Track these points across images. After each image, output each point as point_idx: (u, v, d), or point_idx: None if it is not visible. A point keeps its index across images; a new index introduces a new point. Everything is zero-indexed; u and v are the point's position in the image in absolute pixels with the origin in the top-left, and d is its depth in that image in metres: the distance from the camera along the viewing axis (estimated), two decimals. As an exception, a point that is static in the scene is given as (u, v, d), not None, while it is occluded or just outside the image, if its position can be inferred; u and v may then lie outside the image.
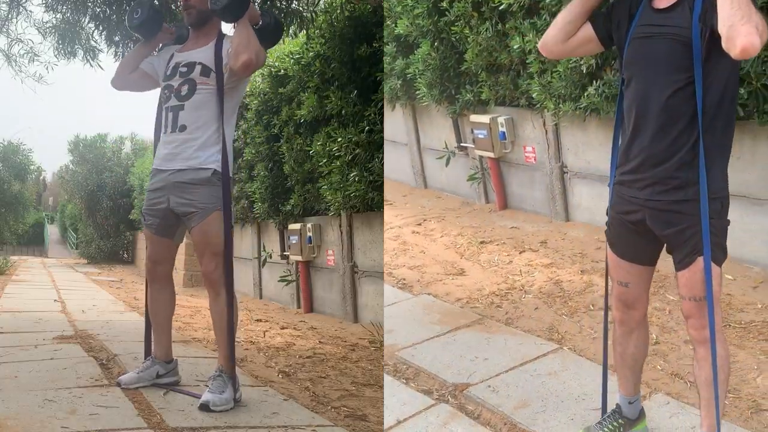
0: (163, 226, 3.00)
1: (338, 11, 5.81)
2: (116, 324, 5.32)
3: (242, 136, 7.87)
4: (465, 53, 5.45)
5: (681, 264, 2.10)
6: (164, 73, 3.01)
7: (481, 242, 4.95)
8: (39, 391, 2.85)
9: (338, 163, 5.71)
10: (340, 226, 6.20)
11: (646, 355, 2.44)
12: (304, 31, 5.65)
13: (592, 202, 4.93)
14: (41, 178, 24.82)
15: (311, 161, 6.35)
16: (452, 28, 5.44)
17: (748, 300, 3.50)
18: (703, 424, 2.17)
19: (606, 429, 2.40)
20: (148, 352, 3.17)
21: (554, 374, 2.98)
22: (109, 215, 17.33)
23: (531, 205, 5.55)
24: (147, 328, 3.20)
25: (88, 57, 5.94)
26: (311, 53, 6.33)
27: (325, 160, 5.95)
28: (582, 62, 4.39)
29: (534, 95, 4.89)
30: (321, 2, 5.99)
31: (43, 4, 5.48)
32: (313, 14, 5.67)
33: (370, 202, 5.57)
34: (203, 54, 2.92)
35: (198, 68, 2.89)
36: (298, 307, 7.13)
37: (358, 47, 5.65)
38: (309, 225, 6.64)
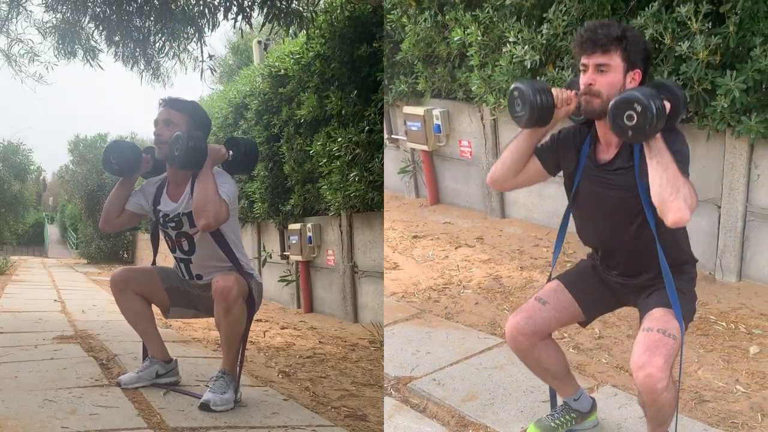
0: (173, 290, 3.06)
1: (338, 11, 5.81)
2: (116, 324, 5.31)
3: (242, 136, 7.88)
4: (401, 43, 5.36)
5: (653, 305, 2.11)
6: (157, 217, 3.00)
7: (414, 236, 4.90)
8: (39, 391, 2.85)
9: (338, 163, 5.71)
10: (340, 226, 6.20)
11: (565, 357, 2.41)
12: (304, 31, 5.65)
13: (529, 200, 4.87)
14: (41, 178, 24.83)
15: (311, 161, 6.35)
16: (388, 15, 5.36)
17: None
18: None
19: (558, 421, 2.41)
20: (146, 354, 3.17)
21: (500, 367, 2.94)
22: (109, 215, 17.34)
23: (465, 200, 5.46)
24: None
25: (88, 57, 5.96)
26: (311, 53, 6.33)
27: (325, 160, 5.95)
28: (526, 57, 4.27)
29: (473, 88, 4.78)
30: (321, 2, 5.99)
31: (43, 4, 5.48)
32: (313, 14, 5.67)
33: (370, 202, 5.57)
34: (184, 204, 2.92)
35: (185, 220, 2.91)
36: (298, 307, 7.13)
37: (358, 47, 5.64)
38: (309, 225, 6.64)
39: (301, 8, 5.51)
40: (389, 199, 6.04)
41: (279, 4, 5.25)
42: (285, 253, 7.25)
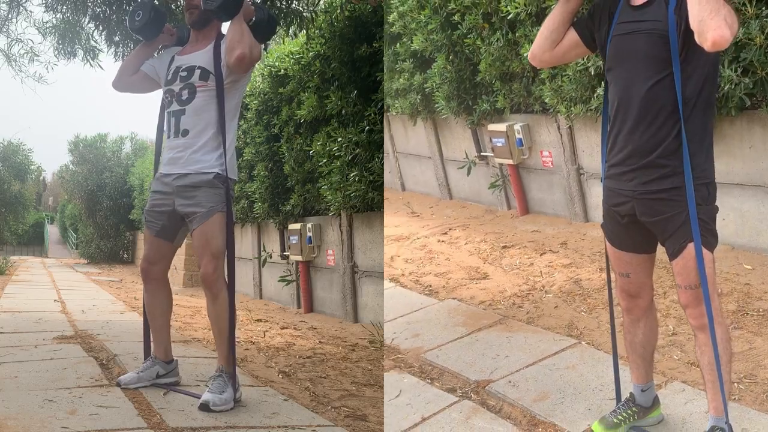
0: (164, 228, 3.00)
1: (338, 11, 5.81)
2: (116, 324, 5.31)
3: (242, 136, 7.87)
4: (479, 64, 5.52)
5: (673, 253, 2.13)
6: (165, 76, 3.01)
7: (504, 247, 5.05)
8: (39, 391, 2.85)
9: (338, 163, 5.71)
10: (340, 226, 6.20)
11: (656, 342, 2.47)
12: (304, 31, 5.66)
13: None
14: (41, 178, 24.82)
15: (311, 161, 6.35)
16: (465, 40, 5.53)
17: (767, 288, 3.53)
18: (710, 407, 2.22)
19: (620, 417, 2.43)
20: (147, 353, 3.17)
21: (572, 367, 3.03)
22: (109, 215, 17.34)
23: (551, 208, 5.60)
24: (146, 328, 3.21)
25: (88, 57, 5.95)
26: (311, 53, 6.33)
27: (325, 160, 5.95)
28: (590, 64, 4.41)
29: (546, 100, 4.95)
30: (321, 2, 5.99)
31: (43, 4, 5.48)
32: (313, 14, 5.67)
33: (370, 202, 5.57)
34: (202, 57, 2.92)
35: (197, 72, 2.90)
36: (298, 307, 7.13)
37: (358, 47, 5.65)
38: (309, 225, 6.65)
39: (301, 8, 5.51)
40: (483, 213, 6.22)
41: (279, 4, 5.25)
42: (285, 253, 7.25)
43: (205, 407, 2.69)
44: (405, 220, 6.43)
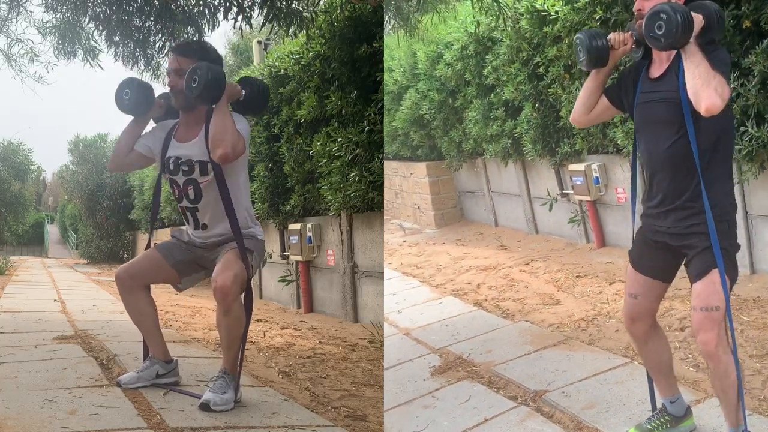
0: (178, 263, 3.04)
1: (338, 11, 5.81)
2: (116, 324, 5.31)
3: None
4: (561, 111, 5.98)
5: (696, 276, 2.32)
6: (165, 163, 2.98)
7: (577, 276, 5.41)
8: (39, 391, 2.85)
9: (338, 163, 5.70)
10: (340, 226, 6.20)
11: (670, 357, 2.66)
12: (304, 31, 5.65)
13: None
14: (41, 178, 24.80)
15: (311, 161, 6.35)
16: (549, 89, 5.93)
17: None
18: (727, 423, 2.41)
19: (653, 424, 2.65)
20: (146, 354, 3.17)
21: (621, 383, 3.28)
22: (109, 215, 17.33)
23: (626, 241, 5.76)
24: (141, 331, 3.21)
25: (88, 57, 5.95)
26: (311, 53, 6.33)
27: (325, 160, 5.95)
28: None
29: (618, 141, 5.25)
30: (321, 2, 5.99)
31: (43, 4, 5.48)
32: (313, 14, 5.67)
33: (370, 202, 5.57)
34: (196, 149, 2.90)
35: (197, 167, 2.90)
36: (298, 307, 7.13)
37: (358, 47, 5.65)
38: (309, 225, 6.65)
39: (301, 8, 5.50)
40: (564, 246, 6.63)
41: (279, 4, 5.24)
42: (285, 253, 7.25)
43: (205, 407, 2.70)
44: (494, 252, 6.92)
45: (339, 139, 5.68)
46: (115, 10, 5.30)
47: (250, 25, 5.47)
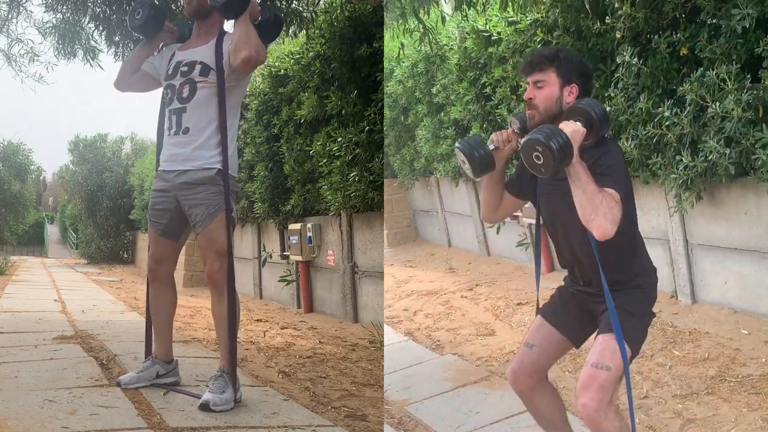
0: (168, 226, 3.01)
1: (338, 11, 5.81)
2: (116, 324, 5.31)
3: (242, 136, 7.87)
4: None
5: (602, 329, 2.21)
6: (166, 72, 3.00)
7: (518, 304, 5.25)
8: (39, 391, 2.85)
9: (338, 163, 5.71)
10: (340, 226, 6.20)
11: (564, 411, 2.47)
12: (304, 31, 5.65)
13: None
14: (41, 178, 24.81)
15: (311, 161, 6.35)
16: (496, 110, 5.82)
17: (755, 354, 3.57)
18: None
19: None
20: (148, 352, 3.17)
21: (533, 426, 3.01)
22: (109, 215, 17.32)
23: None
24: (148, 327, 3.21)
25: (88, 57, 5.95)
26: (311, 53, 6.33)
27: (325, 160, 5.95)
28: None
29: None
30: (321, 2, 5.99)
31: (43, 4, 5.48)
32: (313, 14, 5.67)
33: (370, 202, 5.57)
34: (204, 52, 2.91)
35: (198, 67, 2.88)
36: (298, 307, 7.13)
37: (358, 47, 5.65)
38: (309, 225, 6.65)
39: (301, 8, 5.51)
40: (514, 270, 6.42)
41: (279, 4, 5.24)
42: (285, 253, 7.25)
43: (205, 407, 2.69)
44: (440, 275, 6.77)
45: (339, 139, 5.68)
46: (115, 10, 5.30)
47: (250, 25, 5.46)
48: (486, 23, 5.56)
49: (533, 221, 5.87)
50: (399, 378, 3.90)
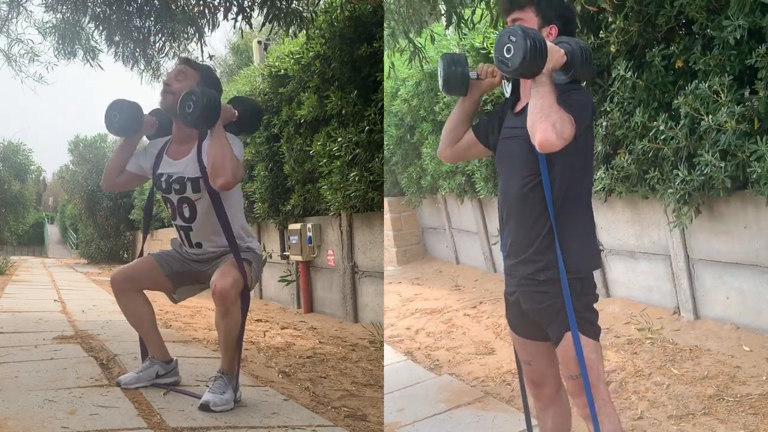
0: (174, 274, 3.04)
1: (338, 11, 5.81)
2: (116, 324, 5.31)
3: (242, 136, 7.86)
4: None
5: (555, 342, 2.13)
6: (158, 182, 2.98)
7: None
8: (39, 391, 2.85)
9: (338, 163, 5.71)
10: (340, 226, 6.20)
11: (569, 429, 2.40)
12: (304, 31, 5.66)
13: (627, 278, 4.95)
14: (41, 178, 24.81)
15: (311, 161, 6.35)
16: None
17: (756, 372, 3.50)
18: None
19: None
20: (145, 354, 3.17)
21: None
22: (109, 215, 17.34)
23: None
24: (139, 336, 3.21)
25: (88, 57, 5.95)
26: (311, 53, 6.33)
27: (325, 160, 5.95)
28: (598, 146, 4.38)
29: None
30: (321, 2, 5.99)
31: (43, 4, 5.48)
32: (313, 14, 5.67)
33: (370, 202, 5.57)
34: (188, 167, 2.89)
35: (188, 185, 2.89)
36: (298, 307, 7.13)
37: (358, 47, 5.65)
38: (309, 225, 6.65)
39: (301, 8, 5.51)
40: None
41: (279, 4, 5.24)
42: (285, 253, 7.25)
43: (205, 407, 2.69)
44: (446, 293, 6.69)
45: (339, 139, 5.68)
46: (115, 10, 5.30)
47: (250, 25, 5.47)
48: (483, 41, 5.56)
49: None
50: (394, 399, 3.86)
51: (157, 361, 3.10)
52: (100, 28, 5.50)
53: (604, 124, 4.24)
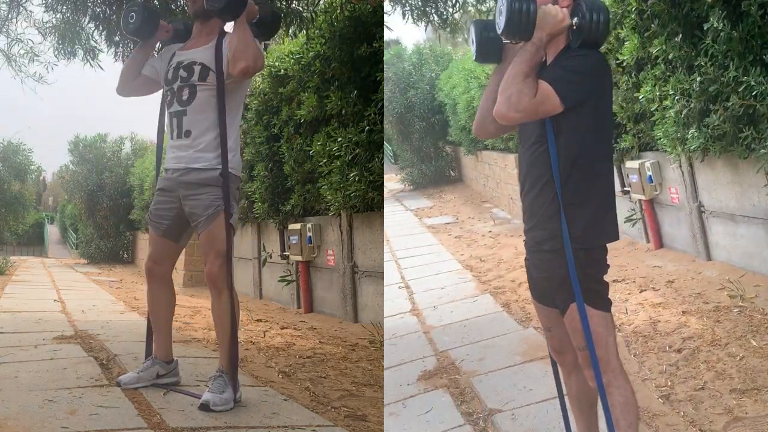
0: (170, 228, 3.02)
1: (338, 11, 5.81)
2: (116, 324, 5.31)
3: (242, 136, 7.88)
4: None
5: (561, 312, 2.12)
6: (166, 75, 3.00)
7: (614, 281, 5.05)
8: (39, 391, 2.85)
9: (338, 163, 5.70)
10: (340, 226, 6.20)
11: (594, 396, 2.33)
12: (304, 31, 5.65)
13: (728, 241, 4.82)
14: (41, 178, 24.77)
15: (311, 161, 6.35)
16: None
17: None
18: None
19: None
20: (149, 352, 3.17)
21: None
22: (109, 215, 17.31)
23: (681, 244, 5.56)
24: (149, 328, 3.21)
25: (88, 57, 5.94)
26: (311, 53, 6.33)
27: (325, 160, 5.95)
28: (692, 103, 4.27)
29: (658, 141, 5.04)
30: (321, 2, 5.99)
31: (43, 4, 5.47)
32: (313, 14, 5.67)
33: (370, 202, 5.57)
34: (204, 53, 2.91)
35: (197, 69, 2.88)
36: (298, 307, 7.13)
37: (358, 47, 5.65)
38: (309, 225, 6.64)
39: (301, 8, 5.50)
40: (625, 246, 6.18)
41: (279, 4, 5.24)
42: (285, 253, 7.24)
43: (205, 407, 2.70)
44: None
45: (339, 139, 5.68)
46: (115, 10, 5.30)
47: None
48: None
49: (639, 196, 5.82)
50: (478, 349, 3.95)
51: (158, 362, 3.10)
52: (100, 28, 5.49)
53: (698, 79, 4.05)
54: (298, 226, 6.73)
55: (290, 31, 5.42)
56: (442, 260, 7.13)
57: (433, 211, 11.26)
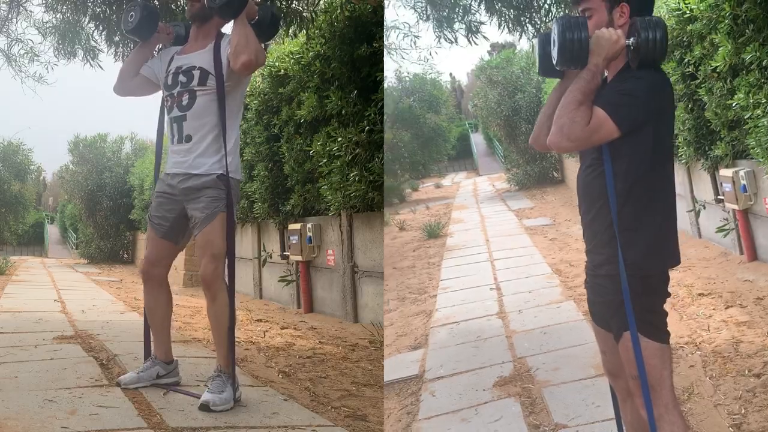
0: (171, 230, 3.02)
1: (338, 11, 5.81)
2: (116, 324, 5.31)
3: (242, 136, 7.87)
4: (706, 112, 5.67)
5: (616, 339, 2.05)
6: (165, 80, 3.00)
7: (699, 294, 4.91)
8: (39, 391, 2.85)
9: (338, 163, 5.70)
10: (340, 226, 6.20)
11: (647, 427, 2.29)
12: (304, 31, 5.66)
13: None
14: (41, 178, 24.83)
15: (311, 161, 6.35)
16: (698, 90, 5.67)
17: None
18: None
19: None
20: (148, 353, 3.17)
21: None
22: (109, 215, 17.32)
23: None
24: (146, 329, 3.21)
25: (88, 57, 5.95)
26: (311, 53, 6.33)
27: (325, 160, 5.95)
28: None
29: (750, 149, 4.92)
30: (321, 2, 5.99)
31: (43, 4, 5.48)
32: (313, 14, 5.67)
33: (370, 202, 5.57)
34: (201, 57, 2.91)
35: (196, 74, 2.89)
36: (298, 307, 7.13)
37: (358, 47, 5.65)
38: (309, 225, 6.64)
39: (301, 8, 5.51)
40: (717, 256, 6.02)
41: (279, 4, 5.24)
42: (285, 253, 7.25)
43: (205, 407, 2.70)
44: None
45: (339, 139, 5.68)
46: (115, 10, 5.30)
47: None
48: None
49: (732, 206, 5.55)
50: (554, 358, 3.91)
51: (158, 362, 3.10)
52: (100, 28, 5.49)
53: None
54: (298, 226, 6.74)
55: (290, 31, 5.42)
56: (534, 263, 7.08)
57: (534, 212, 11.30)
